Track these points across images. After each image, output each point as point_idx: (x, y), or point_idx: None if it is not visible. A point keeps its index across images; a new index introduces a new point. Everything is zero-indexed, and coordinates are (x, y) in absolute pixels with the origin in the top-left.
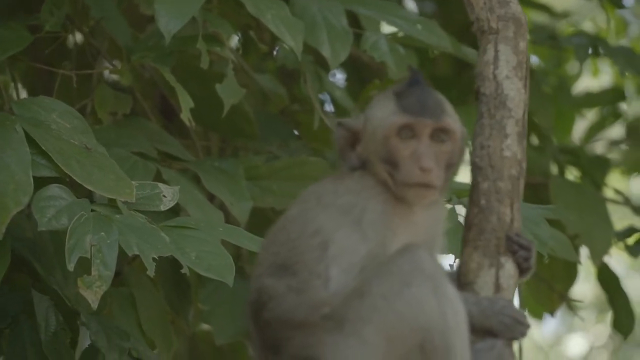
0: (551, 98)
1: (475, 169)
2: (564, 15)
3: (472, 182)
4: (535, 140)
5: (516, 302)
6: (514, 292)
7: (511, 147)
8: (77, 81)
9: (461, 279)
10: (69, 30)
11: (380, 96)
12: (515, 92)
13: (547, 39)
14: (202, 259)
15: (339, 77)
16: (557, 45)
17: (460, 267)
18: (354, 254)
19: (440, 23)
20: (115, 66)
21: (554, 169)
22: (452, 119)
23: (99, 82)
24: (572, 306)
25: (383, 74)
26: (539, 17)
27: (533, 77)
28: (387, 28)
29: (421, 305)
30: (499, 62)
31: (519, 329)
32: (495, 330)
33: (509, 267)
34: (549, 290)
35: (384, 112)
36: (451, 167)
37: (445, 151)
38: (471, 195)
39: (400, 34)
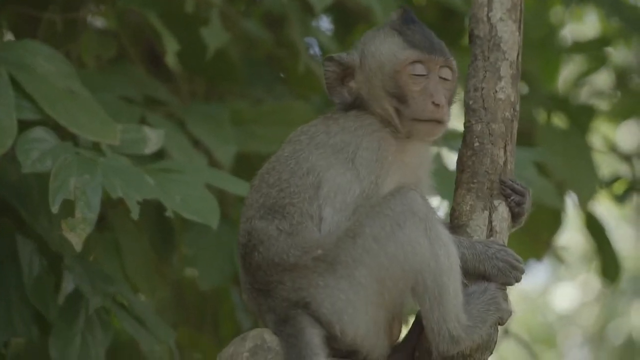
0: (537, 44)
1: (469, 111)
2: None
3: (466, 124)
4: (520, 86)
5: None
6: (507, 235)
7: (505, 90)
8: (62, 26)
9: (454, 221)
10: None
11: (377, 33)
12: (509, 35)
13: None
14: (187, 203)
15: (326, 23)
16: None
17: (453, 209)
18: (347, 194)
19: None
20: (101, 10)
21: (540, 116)
22: (453, 58)
23: (85, 27)
24: (558, 254)
25: (369, 19)
26: None
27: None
28: None
29: (413, 247)
30: (493, 4)
31: (513, 274)
32: (488, 274)
33: (502, 209)
34: (534, 236)
35: (391, 47)
36: (450, 105)
37: (449, 89)
38: (464, 137)
39: None
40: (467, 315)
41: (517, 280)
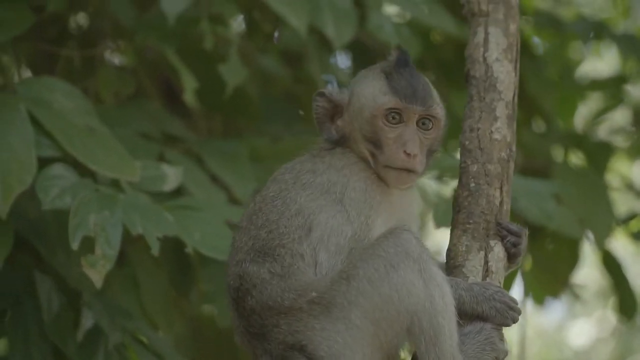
0: (554, 82)
1: (465, 152)
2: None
3: (462, 165)
4: (537, 124)
5: (518, 287)
6: (503, 275)
7: (501, 130)
8: (80, 62)
9: (450, 262)
10: (73, 11)
11: (368, 73)
12: (505, 75)
13: (550, 23)
14: (206, 239)
15: (344, 59)
16: (560, 29)
17: (449, 250)
18: (340, 236)
19: (446, 5)
20: (119, 46)
21: (558, 153)
22: (439, 107)
23: (102, 63)
24: (575, 291)
25: (387, 55)
26: (543, 2)
27: (536, 61)
28: (390, 10)
29: (408, 288)
30: (489, 44)
31: (510, 315)
32: (486, 315)
33: (498, 250)
34: (552, 274)
35: (373, 91)
36: (431, 153)
37: (429, 138)
38: (460, 178)
39: (407, 18)
40: (463, 355)
41: (514, 321)
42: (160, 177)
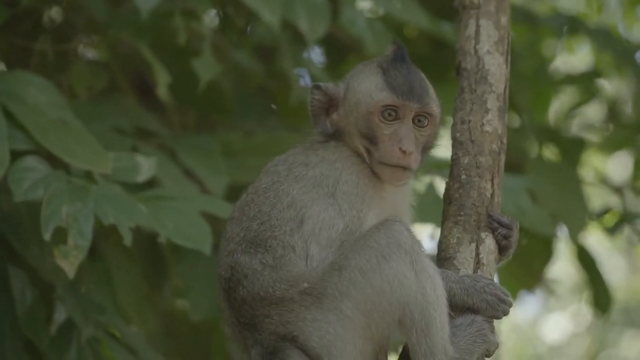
0: (528, 77)
1: (456, 144)
2: None
3: (453, 157)
4: (512, 119)
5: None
6: (494, 268)
7: (492, 122)
8: (54, 57)
9: (441, 254)
10: (47, 5)
11: (364, 67)
12: (496, 67)
13: (524, 18)
14: (179, 229)
15: (318, 53)
16: (535, 24)
17: (440, 242)
18: (332, 229)
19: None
20: (93, 41)
21: (532, 148)
22: (435, 104)
23: (76, 57)
24: (549, 285)
25: (360, 50)
26: None
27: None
28: (364, 5)
29: (400, 280)
30: (480, 37)
31: (501, 307)
32: (477, 308)
33: (489, 242)
34: (527, 268)
35: (370, 86)
36: (426, 150)
37: (425, 134)
38: (452, 170)
39: (380, 13)
40: (454, 347)
41: (505, 313)
42: (134, 167)
